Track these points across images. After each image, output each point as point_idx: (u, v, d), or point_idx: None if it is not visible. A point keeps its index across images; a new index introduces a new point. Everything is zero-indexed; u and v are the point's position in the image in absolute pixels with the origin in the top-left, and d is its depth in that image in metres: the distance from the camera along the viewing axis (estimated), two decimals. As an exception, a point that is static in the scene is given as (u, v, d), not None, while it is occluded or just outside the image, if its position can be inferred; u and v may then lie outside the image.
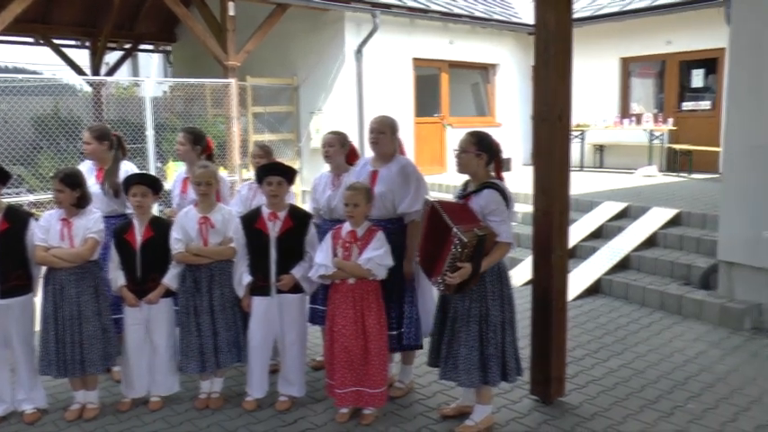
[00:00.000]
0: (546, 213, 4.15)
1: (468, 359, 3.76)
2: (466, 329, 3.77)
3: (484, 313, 3.77)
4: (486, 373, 3.80)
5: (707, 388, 4.62)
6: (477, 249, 3.60)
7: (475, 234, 3.55)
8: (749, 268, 5.99)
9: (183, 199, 4.84)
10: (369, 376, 3.98)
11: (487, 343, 3.78)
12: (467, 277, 3.63)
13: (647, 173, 11.83)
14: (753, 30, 5.79)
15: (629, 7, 12.77)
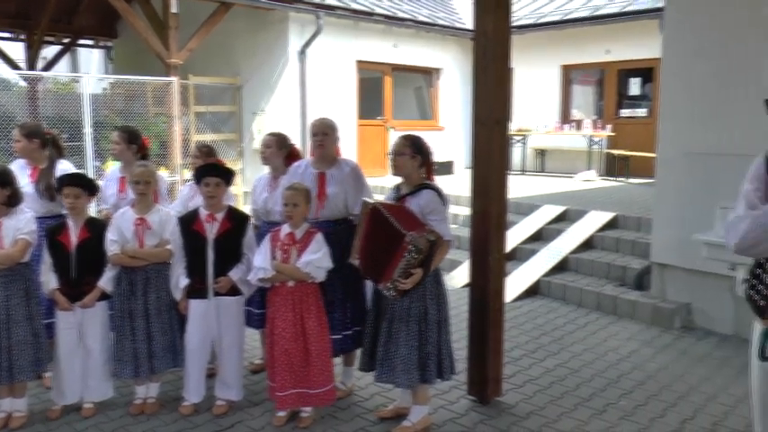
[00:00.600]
0: (484, 216, 4.21)
1: (408, 359, 3.79)
2: (406, 329, 3.80)
3: (423, 312, 3.81)
4: (425, 371, 3.83)
5: (638, 385, 4.76)
6: (429, 255, 3.65)
7: (427, 240, 3.60)
8: (680, 270, 6.20)
9: (122, 199, 4.73)
10: (310, 377, 3.96)
11: (426, 342, 3.82)
12: (417, 281, 3.66)
13: (587, 177, 12.13)
14: (683, 43, 6.00)
15: (569, 16, 13.10)
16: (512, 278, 7.09)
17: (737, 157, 5.41)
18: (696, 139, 5.93)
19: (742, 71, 5.54)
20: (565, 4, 13.87)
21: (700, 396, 4.58)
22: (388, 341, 3.84)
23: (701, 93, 5.87)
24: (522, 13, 14.19)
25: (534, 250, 7.62)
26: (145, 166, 4.28)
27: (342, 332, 4.26)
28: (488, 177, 4.18)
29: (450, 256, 7.22)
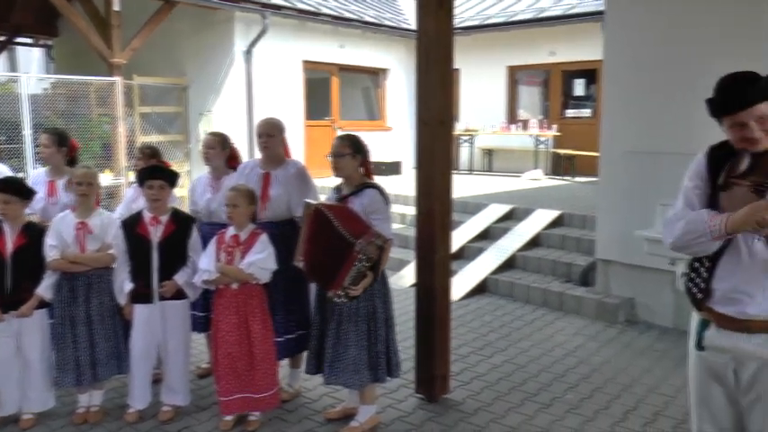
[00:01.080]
0: (429, 215, 4.25)
1: (359, 359, 3.79)
2: (355, 329, 3.80)
3: (371, 311, 3.82)
4: (376, 370, 3.85)
5: (583, 379, 4.86)
6: (379, 260, 3.68)
7: (376, 246, 3.62)
8: (623, 265, 6.36)
9: (52, 204, 4.60)
10: (255, 381, 3.93)
11: (376, 341, 3.83)
12: (367, 286, 3.69)
13: (533, 176, 12.32)
14: (623, 45, 6.16)
15: (514, 18, 13.29)
16: (459, 277, 7.17)
17: (676, 155, 5.56)
18: (636, 138, 6.09)
19: (678, 72, 5.70)
20: (510, 6, 14.08)
21: (642, 387, 4.71)
22: (337, 343, 3.83)
23: (640, 93, 6.04)
24: (467, 14, 14.35)
25: (482, 249, 7.71)
26: (88, 168, 4.20)
27: (285, 335, 4.24)
28: (433, 178, 4.22)
29: (398, 256, 7.28)
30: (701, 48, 5.55)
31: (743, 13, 5.38)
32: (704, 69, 2.64)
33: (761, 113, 2.31)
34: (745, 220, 2.27)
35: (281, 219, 4.27)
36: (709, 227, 2.37)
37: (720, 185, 2.46)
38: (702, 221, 2.40)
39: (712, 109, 2.41)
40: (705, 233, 2.38)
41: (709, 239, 2.38)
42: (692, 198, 2.52)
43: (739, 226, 2.29)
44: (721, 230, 2.34)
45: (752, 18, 5.33)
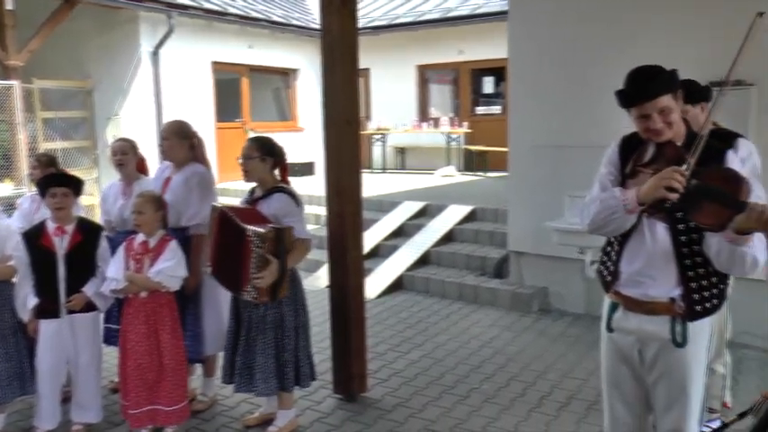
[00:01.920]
0: (339, 215, 4.25)
1: (265, 367, 3.74)
2: (262, 337, 3.75)
3: (279, 319, 3.77)
4: (283, 379, 3.80)
5: (500, 368, 4.98)
6: (279, 243, 3.55)
7: (271, 228, 3.54)
8: (535, 256, 6.55)
9: None
10: (164, 393, 3.82)
11: (283, 349, 3.78)
12: (276, 276, 3.56)
13: (446, 173, 12.51)
14: (526, 43, 6.35)
15: (422, 18, 13.43)
16: (375, 275, 7.21)
17: (581, 148, 5.83)
18: (543, 133, 6.28)
19: (580, 68, 5.91)
20: (418, 6, 14.23)
21: (556, 373, 4.86)
22: (246, 350, 3.78)
23: (545, 89, 6.23)
24: (375, 14, 14.42)
25: (396, 246, 7.77)
26: None
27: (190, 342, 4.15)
28: (342, 178, 4.23)
29: (313, 257, 7.23)
30: (602, 44, 5.76)
31: (645, 11, 5.61)
32: (606, 65, 2.76)
33: (662, 106, 2.42)
34: (655, 186, 2.35)
35: (175, 226, 4.12)
36: (622, 201, 2.46)
37: (627, 173, 2.57)
38: (615, 197, 2.50)
39: (620, 100, 2.51)
40: (619, 207, 2.47)
41: (624, 213, 2.47)
42: (606, 183, 2.64)
43: (650, 193, 2.37)
44: (634, 201, 2.44)
45: (654, 14, 5.55)
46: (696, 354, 2.53)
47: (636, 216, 2.51)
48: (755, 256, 2.30)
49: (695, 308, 2.48)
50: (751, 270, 2.37)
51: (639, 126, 2.50)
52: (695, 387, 2.55)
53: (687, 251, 2.44)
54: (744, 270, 2.37)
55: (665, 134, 2.45)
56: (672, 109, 2.43)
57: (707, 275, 2.47)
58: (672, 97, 2.43)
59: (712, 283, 2.49)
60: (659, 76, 2.44)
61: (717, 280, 2.49)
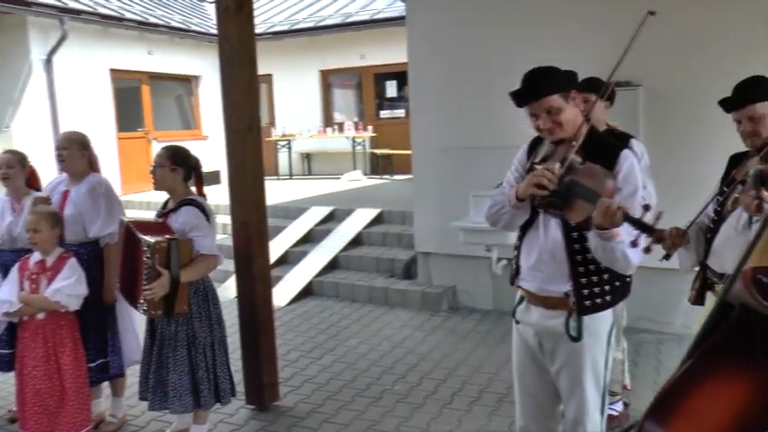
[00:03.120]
0: (244, 224, 4.19)
1: (179, 385, 3.63)
2: (173, 354, 3.64)
3: (191, 336, 3.66)
4: (199, 396, 3.70)
5: (411, 368, 5.03)
6: (170, 255, 3.42)
7: (165, 238, 3.42)
8: (442, 256, 6.66)
9: None
10: (67, 419, 3.62)
11: (197, 366, 3.68)
12: (167, 289, 3.43)
13: (353, 177, 12.54)
14: (425, 48, 6.45)
15: (323, 23, 13.45)
16: (284, 282, 7.14)
17: (483, 149, 6.00)
18: (445, 135, 6.40)
19: (480, 71, 6.05)
20: (318, 11, 14.23)
21: (467, 368, 4.96)
22: (159, 368, 3.67)
23: (445, 93, 6.35)
24: (276, 19, 14.33)
25: (305, 252, 7.73)
26: None
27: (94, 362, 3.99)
28: (245, 185, 4.17)
29: (221, 267, 7.04)
30: (501, 47, 5.93)
31: (544, 13, 5.81)
32: (505, 68, 2.84)
33: (549, 106, 2.49)
34: (528, 183, 2.48)
35: (81, 241, 3.96)
36: (508, 197, 2.59)
37: (527, 170, 2.65)
38: (504, 194, 2.63)
39: (513, 100, 2.59)
40: (506, 203, 2.61)
41: (509, 208, 2.60)
42: (511, 180, 2.74)
43: (524, 189, 2.50)
44: (513, 196, 2.56)
45: (553, 17, 5.76)
46: (592, 348, 2.58)
47: (527, 212, 2.62)
48: (624, 251, 2.32)
49: (585, 303, 2.53)
50: (626, 267, 2.42)
51: (532, 125, 2.59)
52: (592, 380, 2.60)
53: (578, 247, 2.50)
54: (621, 266, 2.42)
55: (556, 133, 2.53)
56: (561, 109, 2.49)
57: (598, 272, 2.52)
58: (561, 97, 2.49)
59: (603, 280, 2.53)
60: (547, 78, 2.51)
61: (609, 277, 2.53)
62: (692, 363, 1.44)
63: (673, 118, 5.37)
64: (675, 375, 1.42)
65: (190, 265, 3.54)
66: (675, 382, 1.42)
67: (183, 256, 3.51)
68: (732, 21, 4.93)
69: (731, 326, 1.48)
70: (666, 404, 1.40)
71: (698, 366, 1.44)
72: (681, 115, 5.34)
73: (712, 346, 1.47)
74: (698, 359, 1.44)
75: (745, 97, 2.79)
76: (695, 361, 1.44)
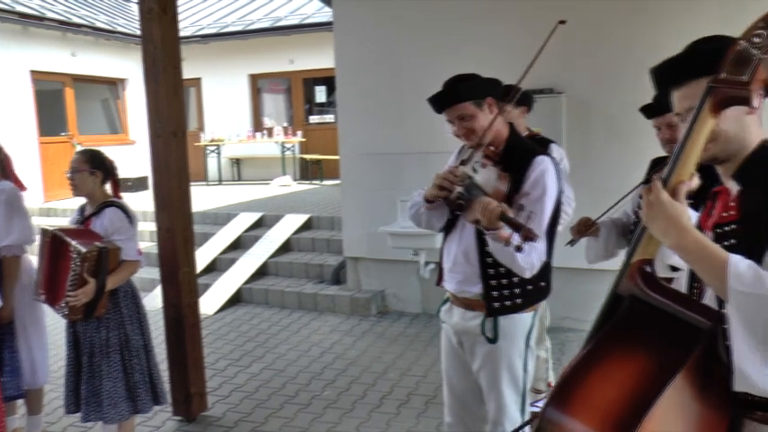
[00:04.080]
0: (169, 231, 4.12)
1: (114, 392, 3.53)
2: (107, 361, 3.53)
3: (124, 340, 3.57)
4: (136, 402, 3.61)
5: (341, 373, 5.04)
6: (100, 264, 3.36)
7: (96, 246, 3.35)
8: (370, 261, 6.71)
9: None
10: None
11: (132, 371, 3.59)
12: (92, 296, 3.36)
13: (283, 183, 12.47)
14: (352, 54, 6.49)
15: (251, 27, 13.31)
16: (213, 290, 7.05)
17: (410, 155, 6.09)
18: (372, 140, 6.45)
19: (406, 78, 6.12)
20: (247, 15, 14.09)
21: (395, 372, 5.01)
22: (92, 377, 3.54)
23: (373, 99, 6.41)
24: (205, 22, 14.11)
25: (234, 259, 7.64)
26: None
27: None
28: (170, 191, 4.10)
29: (148, 275, 6.95)
30: (426, 54, 6.02)
31: (468, 22, 5.93)
32: (430, 74, 2.89)
33: (461, 113, 2.57)
34: (432, 186, 2.57)
35: None
36: (421, 197, 2.69)
37: None
38: (420, 195, 2.71)
39: (432, 107, 2.66)
40: (420, 204, 2.70)
41: (423, 208, 2.70)
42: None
43: (430, 191, 2.59)
44: (421, 198, 2.67)
45: (475, 26, 5.89)
46: (508, 350, 2.64)
47: (444, 213, 2.71)
48: (513, 253, 2.32)
49: (494, 305, 2.60)
50: (519, 268, 2.47)
51: (452, 130, 2.66)
52: (509, 381, 2.66)
53: (489, 250, 2.54)
54: (514, 268, 2.48)
55: (471, 139, 2.61)
56: (473, 116, 2.56)
57: (508, 275, 2.57)
58: (474, 105, 2.56)
59: (513, 283, 2.59)
60: (460, 85, 2.58)
61: (519, 280, 2.59)
62: (587, 350, 1.53)
63: (593, 124, 5.59)
64: (572, 363, 1.51)
65: (115, 272, 3.48)
66: (572, 369, 1.51)
67: (111, 263, 3.45)
68: (649, 32, 5.15)
69: (622, 314, 1.58)
70: (565, 390, 1.49)
71: (593, 353, 1.53)
72: (601, 122, 5.56)
73: (605, 333, 1.57)
74: (593, 346, 1.54)
75: (666, 105, 2.92)
76: (590, 348, 1.53)
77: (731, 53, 1.48)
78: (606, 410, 1.42)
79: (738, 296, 1.38)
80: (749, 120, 1.58)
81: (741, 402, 1.53)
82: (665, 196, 1.50)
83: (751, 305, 1.37)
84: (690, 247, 1.48)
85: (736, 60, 1.47)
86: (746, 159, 1.59)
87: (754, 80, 1.44)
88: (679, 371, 1.40)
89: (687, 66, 1.64)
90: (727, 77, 1.47)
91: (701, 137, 1.53)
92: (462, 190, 2.48)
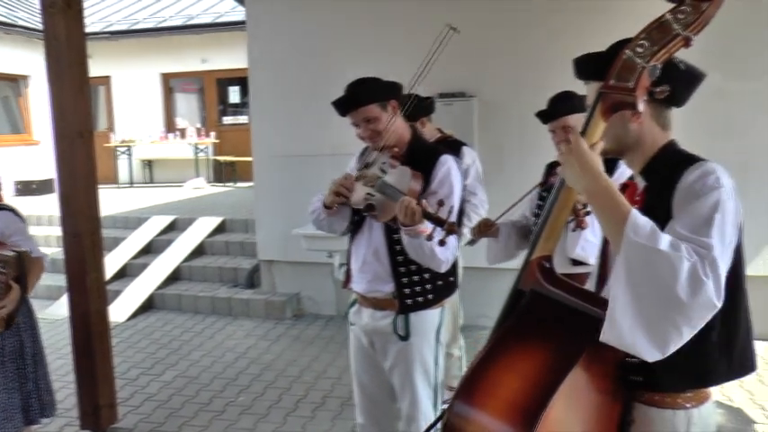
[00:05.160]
0: (75, 235, 3.97)
1: (10, 404, 3.36)
2: (2, 371, 3.38)
3: (18, 348, 3.40)
4: (29, 412, 3.45)
5: (255, 378, 4.99)
6: (21, 268, 3.22)
7: (13, 251, 3.20)
8: (285, 263, 6.67)
9: None
10: None
11: (26, 379, 3.44)
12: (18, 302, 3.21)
13: (196, 185, 12.21)
14: (264, 55, 6.44)
15: (163, 24, 12.98)
16: (124, 296, 6.83)
17: (322, 156, 6.08)
18: (285, 142, 6.43)
19: (316, 79, 6.10)
20: (159, 12, 13.72)
21: (311, 374, 5.01)
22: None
23: (285, 100, 6.38)
24: (114, 18, 13.65)
25: (146, 264, 7.43)
26: None
27: None
28: (76, 195, 3.95)
29: (54, 283, 6.69)
30: (336, 56, 6.04)
31: (374, 27, 6.01)
32: (339, 76, 2.91)
33: (366, 115, 2.62)
34: (329, 192, 2.63)
35: None
36: (321, 201, 2.72)
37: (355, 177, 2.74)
38: (320, 200, 2.75)
39: (336, 110, 2.68)
40: (319, 209, 2.74)
41: (323, 214, 2.73)
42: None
43: (328, 198, 2.64)
44: (321, 203, 2.70)
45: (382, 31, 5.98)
46: (420, 346, 2.70)
47: (345, 217, 2.75)
48: (432, 248, 2.41)
49: (406, 302, 2.66)
50: (437, 264, 2.53)
51: (356, 133, 2.69)
52: (423, 377, 2.73)
53: (399, 248, 2.61)
54: (432, 263, 2.53)
55: (376, 141, 2.66)
56: (378, 118, 2.61)
57: (419, 271, 2.65)
58: (379, 107, 2.61)
59: (425, 279, 2.67)
60: (364, 88, 2.63)
61: (430, 276, 2.66)
62: (491, 344, 1.59)
63: (505, 127, 5.75)
64: (477, 357, 1.58)
65: (30, 275, 3.34)
66: (477, 363, 1.57)
67: (27, 266, 3.31)
68: (561, 35, 5.33)
69: (523, 309, 1.66)
70: (470, 384, 1.55)
71: (496, 347, 1.59)
72: (512, 125, 5.72)
73: (508, 327, 1.64)
74: (496, 341, 1.61)
75: (558, 110, 3.08)
76: (494, 342, 1.60)
77: (618, 61, 1.58)
78: (511, 401, 1.49)
79: (630, 245, 1.44)
80: (648, 122, 1.68)
81: (630, 386, 1.65)
82: (584, 144, 1.58)
83: (639, 256, 1.43)
84: (601, 192, 1.54)
85: (623, 68, 1.57)
86: (652, 158, 1.70)
87: (638, 87, 1.55)
88: (577, 359, 1.48)
89: (590, 67, 1.73)
90: (615, 84, 1.58)
91: (596, 137, 1.63)
92: (373, 191, 2.52)
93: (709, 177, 1.55)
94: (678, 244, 1.43)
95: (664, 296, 1.40)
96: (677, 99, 1.68)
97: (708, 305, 1.40)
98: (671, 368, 1.53)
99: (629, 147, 1.71)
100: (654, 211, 1.57)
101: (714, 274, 1.41)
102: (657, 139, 1.70)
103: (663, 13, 1.58)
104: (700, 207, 1.51)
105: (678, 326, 1.41)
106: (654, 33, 1.56)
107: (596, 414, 1.60)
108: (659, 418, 1.66)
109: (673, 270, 1.39)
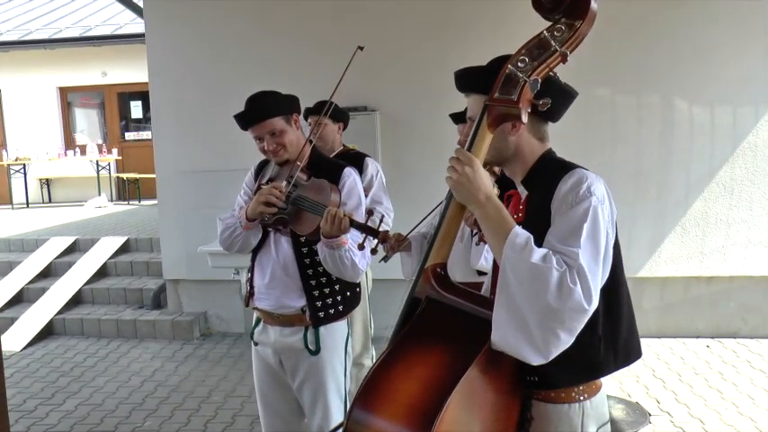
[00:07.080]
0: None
1: None
2: None
3: None
4: None
5: (163, 401, 4.88)
6: None
7: None
8: (191, 282, 6.54)
9: None
10: None
11: None
12: None
13: (98, 204, 11.77)
14: (164, 68, 6.32)
15: (59, 35, 12.47)
16: (19, 323, 6.51)
17: (225, 172, 5.99)
18: (188, 158, 6.31)
19: (217, 93, 6.02)
20: (54, 22, 13.16)
21: (220, 394, 4.93)
22: None
23: (186, 114, 6.27)
24: (4, 27, 12.99)
25: (44, 288, 7.10)
26: None
27: None
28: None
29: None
30: (236, 72, 5.99)
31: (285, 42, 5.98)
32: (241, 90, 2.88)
33: (272, 129, 2.62)
34: (256, 202, 2.57)
35: None
36: (238, 218, 2.68)
37: (254, 192, 2.73)
38: (234, 216, 2.71)
39: (238, 124, 2.66)
40: (237, 225, 2.69)
41: (241, 229, 2.67)
42: (241, 203, 2.81)
43: (254, 209, 2.59)
44: (243, 217, 2.64)
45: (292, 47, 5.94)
46: (331, 359, 2.74)
47: (259, 232, 2.72)
48: (353, 259, 2.51)
49: (318, 314, 2.69)
50: (355, 274, 2.59)
51: (258, 147, 2.68)
52: (334, 389, 2.75)
53: (309, 261, 2.65)
54: (350, 274, 2.58)
55: (280, 155, 2.67)
56: (284, 131, 2.63)
57: (329, 283, 2.69)
58: (283, 120, 2.63)
59: (335, 291, 2.71)
60: (269, 101, 2.64)
61: (340, 287, 2.72)
62: (388, 351, 1.63)
63: (406, 139, 5.87)
64: (375, 364, 1.62)
65: None
66: (375, 370, 1.60)
67: None
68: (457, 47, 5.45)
69: (419, 315, 1.70)
70: (368, 390, 1.57)
71: (393, 353, 1.62)
72: (413, 136, 5.85)
73: (405, 334, 1.67)
74: (393, 347, 1.64)
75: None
76: (391, 349, 1.63)
77: (501, 75, 1.66)
78: (408, 404, 1.52)
79: (507, 259, 1.55)
80: (526, 135, 1.76)
81: (527, 385, 1.73)
82: (479, 165, 1.64)
83: (515, 269, 1.53)
84: (491, 212, 1.62)
85: (506, 82, 1.65)
86: (532, 168, 1.78)
87: (521, 99, 1.62)
88: (472, 360, 1.53)
89: (471, 80, 1.80)
90: (499, 97, 1.65)
91: (483, 149, 1.69)
92: (289, 203, 2.52)
93: (581, 187, 1.64)
94: (549, 256, 1.53)
95: (538, 305, 1.51)
96: (553, 113, 1.77)
97: (579, 309, 1.51)
98: (562, 366, 1.62)
99: (507, 158, 1.80)
100: (536, 220, 1.67)
101: (582, 281, 1.52)
102: (536, 150, 1.79)
103: (541, 30, 1.65)
104: (570, 217, 1.61)
105: (555, 331, 1.51)
106: (533, 49, 1.65)
107: (495, 413, 1.67)
108: (556, 413, 1.75)
109: (544, 280, 1.50)
